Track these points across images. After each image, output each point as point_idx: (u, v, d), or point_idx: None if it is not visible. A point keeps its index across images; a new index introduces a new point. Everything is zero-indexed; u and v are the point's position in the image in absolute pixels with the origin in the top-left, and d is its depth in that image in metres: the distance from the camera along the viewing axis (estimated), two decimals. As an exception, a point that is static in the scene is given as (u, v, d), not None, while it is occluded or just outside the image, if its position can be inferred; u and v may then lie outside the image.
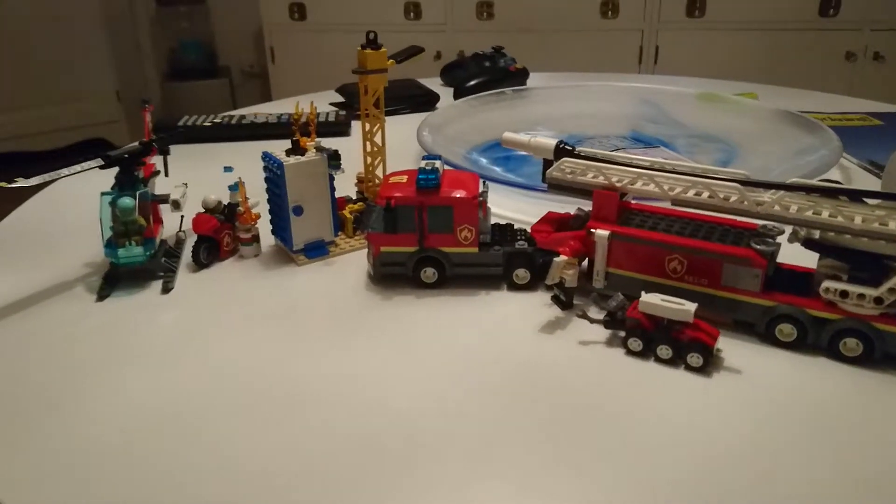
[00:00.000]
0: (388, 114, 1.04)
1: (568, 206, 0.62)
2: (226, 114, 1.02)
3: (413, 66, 0.80)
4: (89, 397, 0.45)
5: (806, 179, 0.51)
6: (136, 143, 0.61)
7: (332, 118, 0.99)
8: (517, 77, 1.14)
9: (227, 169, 0.85)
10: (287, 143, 0.61)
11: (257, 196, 0.64)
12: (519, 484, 0.38)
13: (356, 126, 1.01)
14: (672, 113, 1.01)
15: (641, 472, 0.39)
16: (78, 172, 0.55)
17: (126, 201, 0.56)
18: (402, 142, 0.90)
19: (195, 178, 0.78)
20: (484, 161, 0.85)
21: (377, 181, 0.68)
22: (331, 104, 1.09)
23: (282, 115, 0.98)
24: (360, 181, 0.69)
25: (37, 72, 2.72)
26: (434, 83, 1.23)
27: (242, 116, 0.98)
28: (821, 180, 0.50)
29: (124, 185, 0.58)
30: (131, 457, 0.40)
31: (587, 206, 0.58)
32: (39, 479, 0.39)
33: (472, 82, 1.11)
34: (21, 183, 0.52)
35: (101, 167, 0.57)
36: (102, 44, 2.84)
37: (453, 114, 0.95)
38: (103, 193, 0.58)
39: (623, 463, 0.39)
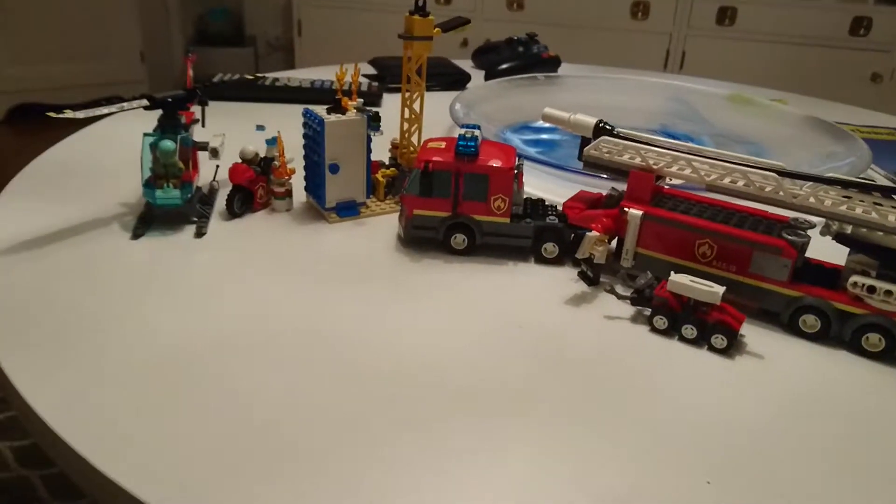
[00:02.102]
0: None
1: (599, 188, 0.63)
2: (260, 75, 1.02)
3: (440, 50, 0.80)
4: (122, 327, 0.46)
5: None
6: (180, 90, 0.61)
7: (364, 88, 1.00)
8: (549, 64, 1.14)
9: (260, 128, 0.85)
10: (322, 108, 0.62)
11: (292, 153, 0.65)
12: (541, 446, 0.39)
13: (387, 98, 1.01)
14: (702, 112, 1.02)
15: (660, 446, 0.40)
16: (124, 110, 0.56)
17: (167, 144, 0.57)
18: (434, 118, 0.90)
19: (227, 134, 0.79)
20: (516, 140, 0.86)
21: (412, 148, 0.68)
22: (363, 76, 1.10)
23: (314, 80, 0.99)
24: (394, 147, 0.70)
25: (64, 26, 2.73)
26: (465, 66, 1.23)
27: (276, 79, 0.99)
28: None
29: (166, 128, 0.59)
30: (149, 386, 0.41)
31: (620, 187, 0.58)
32: (75, 394, 0.40)
33: (504, 66, 1.12)
34: (69, 115, 0.53)
35: (146, 108, 0.58)
36: (131, 4, 2.84)
37: (485, 93, 0.95)
38: (146, 134, 0.59)
39: (643, 436, 0.40)
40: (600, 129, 0.57)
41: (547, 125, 0.93)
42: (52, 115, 0.52)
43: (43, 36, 2.70)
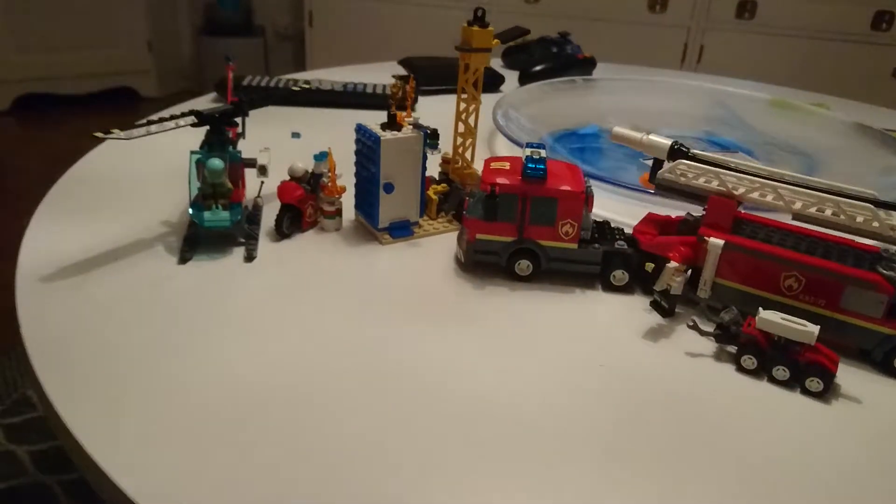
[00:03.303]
0: (448, 92, 1.01)
1: (656, 207, 0.60)
2: (288, 77, 0.99)
3: (447, 47, 0.76)
4: (180, 363, 0.43)
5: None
6: (225, 104, 0.58)
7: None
8: (584, 66, 1.11)
9: (295, 135, 0.82)
10: (360, 115, 0.58)
11: (337, 168, 0.62)
12: (631, 494, 0.36)
13: (421, 101, 0.98)
14: (745, 117, 0.98)
15: (751, 497, 0.37)
16: (171, 129, 0.53)
17: (216, 163, 0.54)
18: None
19: (261, 143, 0.76)
20: (560, 151, 0.83)
21: (465, 164, 0.65)
22: (393, 76, 1.06)
23: (347, 83, 0.96)
24: (445, 161, 0.67)
25: (70, 15, 2.68)
26: (494, 64, 1.20)
27: (306, 81, 0.95)
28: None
29: (213, 145, 0.56)
30: (237, 429, 0.38)
31: (678, 210, 0.56)
32: (143, 446, 0.37)
33: (539, 67, 1.08)
34: (116, 136, 0.49)
35: (194, 125, 0.55)
36: (138, -8, 2.79)
37: (525, 97, 0.92)
38: (193, 152, 0.56)
39: (733, 486, 0.38)
40: (676, 152, 0.54)
41: (591, 132, 0.91)
42: (99, 135, 0.49)
43: (49, 25, 2.65)
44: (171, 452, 0.37)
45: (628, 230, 0.57)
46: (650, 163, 0.77)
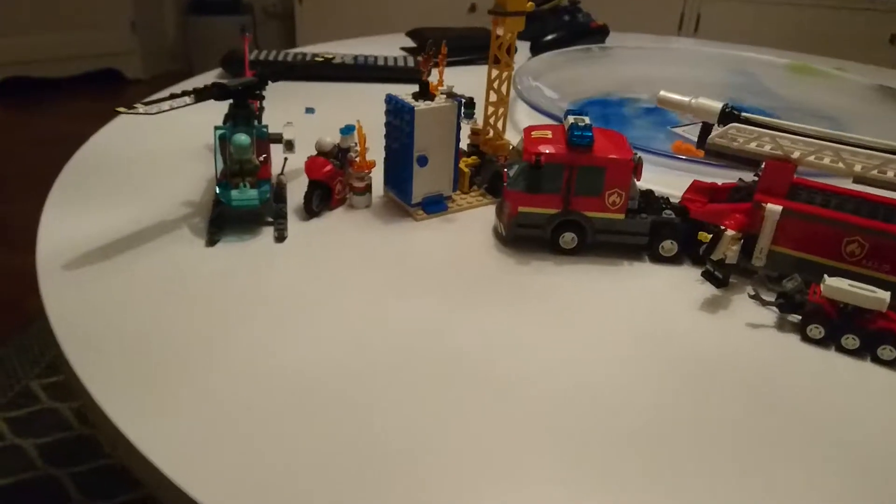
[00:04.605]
0: (461, 63, 0.98)
1: (694, 175, 0.58)
2: (296, 51, 0.95)
3: (444, 17, 0.73)
4: (222, 351, 0.41)
5: None
6: (248, 77, 0.55)
7: (409, 63, 0.93)
8: (597, 35, 1.08)
9: (309, 110, 0.79)
10: (373, 88, 0.55)
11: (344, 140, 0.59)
12: (683, 475, 0.34)
13: (434, 74, 0.95)
14: (766, 83, 0.96)
15: (822, 470, 0.35)
16: (194, 103, 0.50)
17: (242, 138, 0.51)
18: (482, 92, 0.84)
19: (277, 118, 0.72)
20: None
21: (496, 134, 0.63)
22: (401, 48, 1.03)
23: (357, 56, 0.92)
24: (474, 133, 0.64)
25: (49, -5, 2.60)
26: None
27: (315, 55, 0.92)
28: None
29: (238, 119, 0.53)
30: (281, 420, 0.36)
31: (716, 176, 0.54)
32: (188, 439, 0.35)
33: (551, 37, 1.05)
34: (141, 110, 0.46)
35: (216, 98, 0.52)
36: (120, -30, 2.71)
37: (541, 67, 0.89)
38: (217, 128, 0.53)
39: (805, 462, 0.36)
40: (728, 115, 0.51)
41: (612, 100, 0.88)
42: (122, 110, 0.46)
43: (30, 7, 2.57)
44: (213, 444, 0.35)
45: (672, 199, 0.55)
46: (680, 131, 0.74)
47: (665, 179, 0.61)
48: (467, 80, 0.59)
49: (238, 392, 0.38)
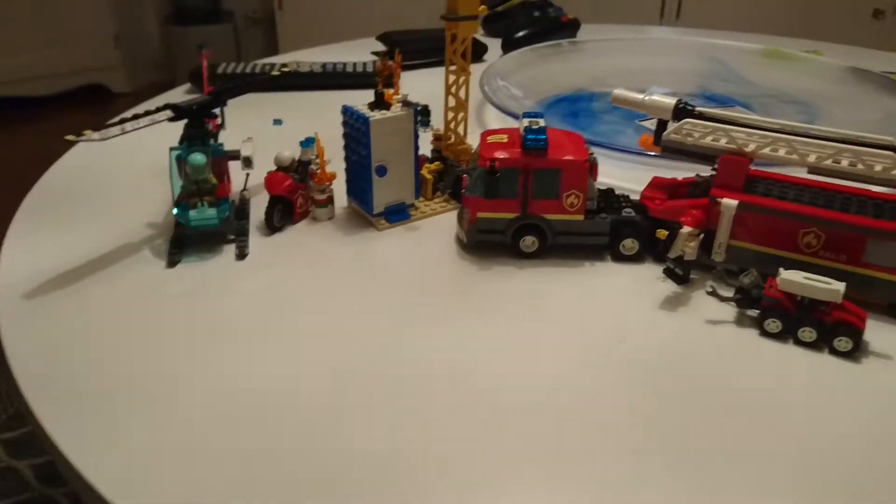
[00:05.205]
0: (434, 65, 0.98)
1: (658, 170, 0.58)
2: (263, 61, 0.95)
3: (418, 18, 0.73)
4: (183, 374, 0.41)
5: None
6: (203, 95, 0.55)
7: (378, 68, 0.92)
8: (568, 29, 1.07)
9: (277, 122, 0.79)
10: (342, 95, 0.55)
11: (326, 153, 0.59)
12: (649, 472, 0.34)
13: (403, 77, 0.94)
14: (739, 70, 0.96)
15: (782, 462, 0.35)
16: (147, 126, 0.50)
17: (198, 158, 0.51)
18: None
19: (243, 132, 0.72)
20: (553, 117, 0.80)
21: (457, 139, 0.62)
22: (372, 53, 1.03)
23: (326, 64, 0.92)
24: (436, 138, 0.64)
25: (32, 14, 2.59)
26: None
27: (283, 65, 0.92)
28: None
29: (193, 139, 0.53)
30: (244, 439, 0.36)
31: (682, 171, 0.53)
32: (140, 465, 0.35)
33: (522, 33, 1.05)
34: (89, 137, 0.46)
35: (171, 120, 0.52)
36: (99, -16, 2.70)
37: (511, 66, 0.89)
38: (172, 149, 0.53)
39: (760, 452, 0.36)
40: (681, 111, 0.51)
41: (583, 96, 0.88)
42: (71, 138, 0.46)
43: (10, 26, 2.56)
44: (172, 469, 0.35)
45: (633, 196, 0.55)
46: (648, 124, 0.74)
47: (631, 175, 0.61)
48: (437, 82, 0.59)
49: (194, 417, 0.38)
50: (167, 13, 2.94)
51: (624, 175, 0.62)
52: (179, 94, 0.88)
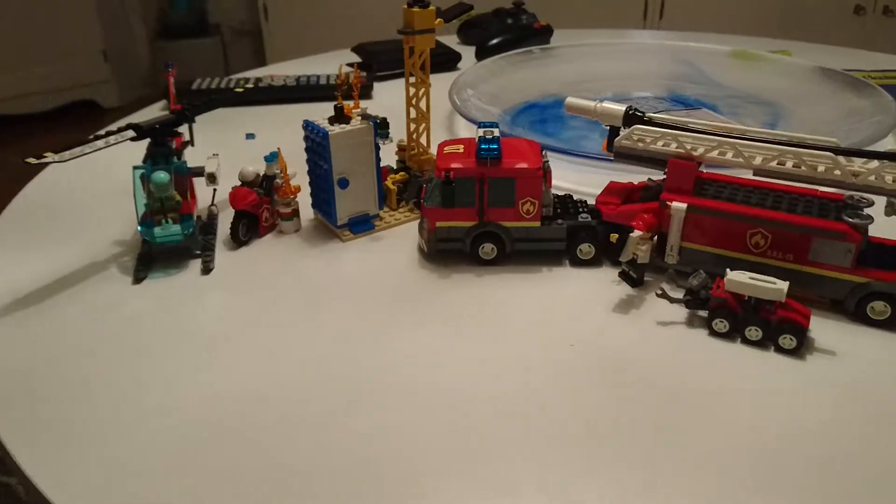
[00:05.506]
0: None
1: (621, 174, 0.59)
2: (239, 76, 0.96)
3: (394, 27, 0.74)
4: (141, 393, 0.42)
5: (887, 147, 0.47)
6: (168, 113, 0.56)
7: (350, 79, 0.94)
8: (541, 35, 1.09)
9: (250, 136, 0.80)
10: (316, 107, 0.57)
11: (291, 166, 0.60)
12: (608, 473, 0.35)
13: (378, 88, 0.96)
14: (708, 72, 0.97)
15: (734, 460, 0.36)
16: (109, 146, 0.51)
17: (161, 175, 0.52)
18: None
19: (214, 147, 0.73)
20: (522, 125, 0.81)
21: (420, 149, 0.64)
22: (347, 65, 1.04)
23: (300, 77, 0.93)
24: (401, 149, 0.65)
25: (18, 31, 2.60)
26: (450, 41, 1.17)
27: (259, 79, 0.93)
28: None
29: (157, 157, 0.54)
30: (210, 453, 0.37)
31: (651, 175, 0.54)
32: (104, 485, 0.36)
33: (495, 41, 1.06)
34: (51, 159, 0.47)
35: (133, 139, 0.53)
36: (88, 1, 2.72)
37: (482, 74, 0.90)
38: (136, 167, 0.54)
39: (715, 450, 0.37)
40: (631, 117, 0.52)
41: (553, 102, 0.89)
42: (32, 160, 0.47)
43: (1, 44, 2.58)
44: (137, 487, 0.36)
45: (592, 201, 0.56)
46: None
47: (594, 180, 0.62)
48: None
49: (158, 432, 0.39)
50: (155, 28, 2.96)
51: (587, 180, 0.63)
52: (155, 111, 0.89)
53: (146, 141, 0.54)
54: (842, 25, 2.41)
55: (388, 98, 0.92)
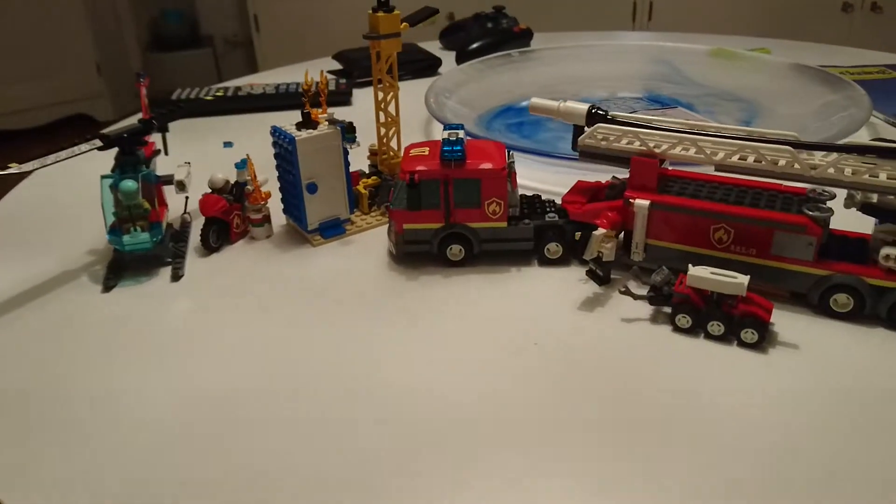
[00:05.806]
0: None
1: (594, 173, 0.59)
2: (220, 86, 0.97)
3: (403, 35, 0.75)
4: (107, 401, 0.42)
5: (859, 140, 0.48)
6: (136, 122, 0.56)
7: (331, 87, 0.94)
8: (521, 38, 1.09)
9: (227, 144, 0.81)
10: (293, 115, 0.57)
11: (265, 173, 0.61)
12: (571, 470, 0.35)
13: (358, 94, 0.96)
14: (686, 71, 0.97)
15: (696, 453, 0.36)
16: (76, 155, 0.51)
17: (128, 184, 0.52)
18: (408, 109, 0.85)
19: (192, 155, 0.74)
20: (497, 127, 0.81)
21: (391, 153, 0.64)
22: (329, 72, 1.04)
23: (279, 85, 0.94)
24: (373, 154, 0.65)
25: (10, 45, 2.62)
26: (432, 46, 1.18)
27: (238, 88, 0.93)
28: (873, 139, 0.47)
29: (125, 166, 0.54)
30: (187, 454, 0.37)
31: (617, 173, 0.55)
32: (60, 490, 0.36)
33: (475, 45, 1.07)
34: (15, 169, 0.48)
35: (100, 149, 0.53)
36: (80, 15, 2.73)
37: (460, 78, 0.91)
38: (104, 177, 0.54)
39: (677, 444, 0.37)
40: (594, 116, 0.52)
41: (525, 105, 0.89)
42: (-5, 171, 0.47)
43: (-8, 60, 2.59)
44: (108, 492, 0.36)
45: (560, 201, 0.56)
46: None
47: (565, 180, 0.62)
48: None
49: (124, 440, 0.39)
50: (147, 41, 2.98)
51: (558, 181, 0.63)
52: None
53: (116, 150, 0.54)
54: (829, 23, 2.42)
55: (367, 104, 0.92)
